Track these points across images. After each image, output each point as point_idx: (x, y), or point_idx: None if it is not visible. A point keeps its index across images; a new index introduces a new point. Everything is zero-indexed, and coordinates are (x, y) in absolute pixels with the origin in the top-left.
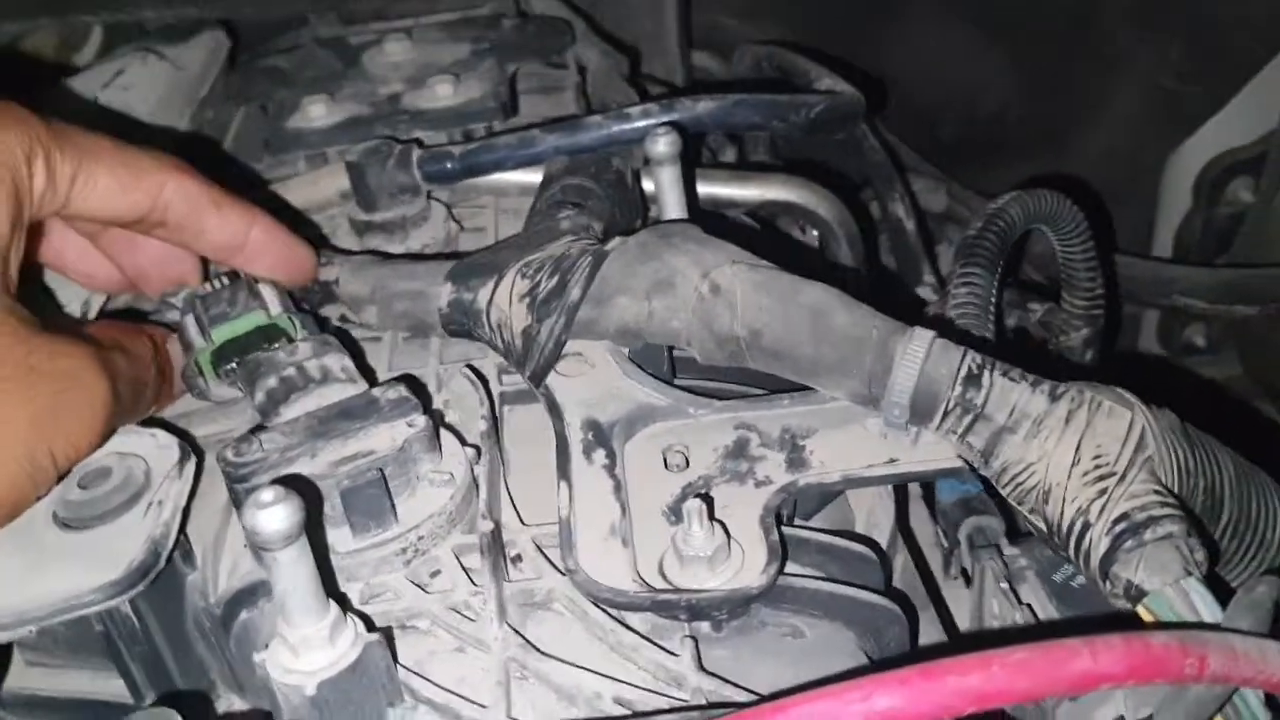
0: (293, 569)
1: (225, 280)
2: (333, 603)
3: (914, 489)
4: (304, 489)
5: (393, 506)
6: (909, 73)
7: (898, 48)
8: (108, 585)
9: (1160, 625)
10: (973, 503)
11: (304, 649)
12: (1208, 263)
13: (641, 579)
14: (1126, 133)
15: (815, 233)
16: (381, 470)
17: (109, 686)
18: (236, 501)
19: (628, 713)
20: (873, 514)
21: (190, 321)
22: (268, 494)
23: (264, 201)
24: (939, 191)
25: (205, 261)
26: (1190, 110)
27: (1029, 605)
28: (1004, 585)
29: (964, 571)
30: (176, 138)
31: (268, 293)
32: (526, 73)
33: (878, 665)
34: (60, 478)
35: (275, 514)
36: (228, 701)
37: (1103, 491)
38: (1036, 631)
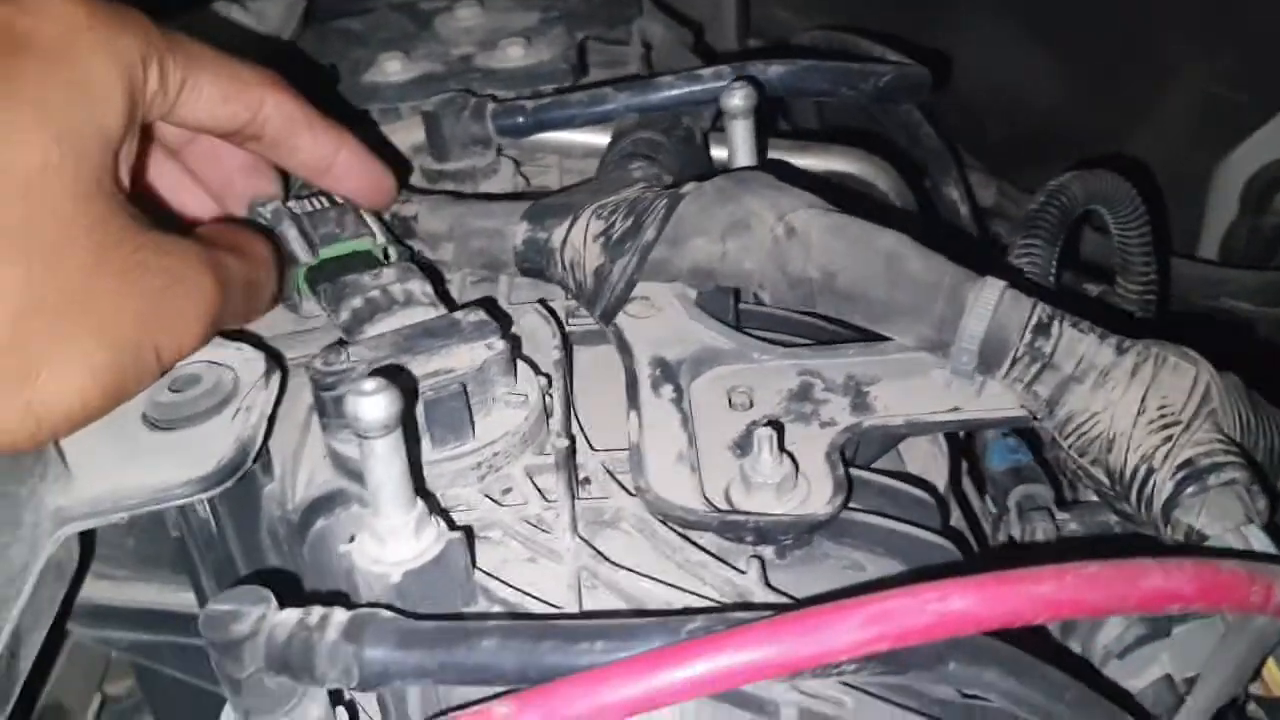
0: (387, 459)
1: (324, 200)
2: (419, 499)
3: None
4: (403, 385)
5: (471, 421)
6: (960, 71)
7: (948, 46)
8: (197, 480)
9: (1234, 552)
10: (1024, 471)
11: (391, 540)
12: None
13: (709, 502)
14: (1175, 139)
15: None
16: (463, 384)
17: (175, 598)
18: (322, 410)
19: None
20: (925, 470)
21: (294, 234)
22: (370, 383)
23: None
24: (989, 187)
25: (286, 177)
26: (1240, 119)
27: None
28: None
29: (1011, 539)
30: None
31: (372, 222)
32: (592, 48)
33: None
34: (162, 373)
35: (376, 402)
36: (290, 573)
37: (1168, 439)
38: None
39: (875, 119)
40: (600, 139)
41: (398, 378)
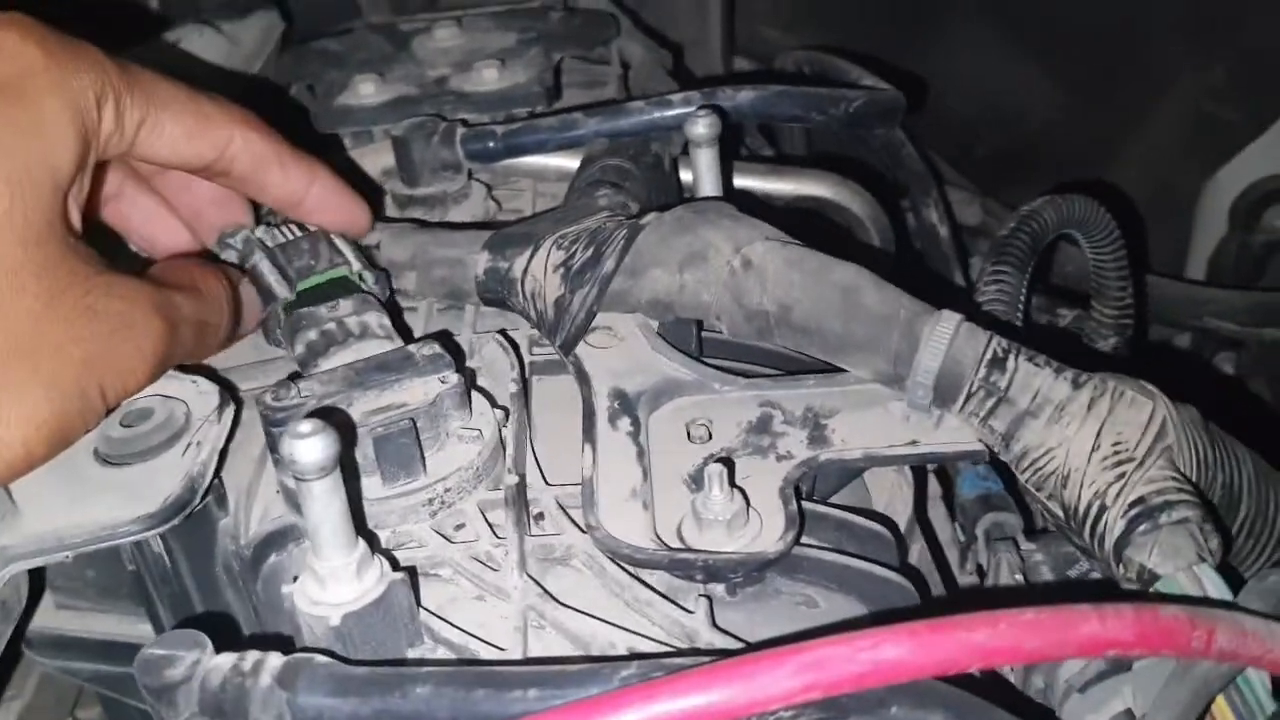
0: (325, 501)
1: (295, 228)
2: (361, 540)
3: (933, 489)
4: (341, 425)
5: (422, 457)
6: (948, 86)
7: (938, 61)
8: (145, 517)
9: (1178, 597)
10: (993, 499)
11: (331, 581)
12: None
13: (660, 540)
14: (1165, 154)
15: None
16: (414, 420)
17: (136, 630)
18: (273, 445)
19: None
20: (891, 504)
21: (268, 268)
22: (306, 425)
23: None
24: (973, 205)
25: (257, 205)
26: (1230, 135)
27: None
28: (1017, 577)
29: (979, 567)
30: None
31: (345, 247)
32: (570, 67)
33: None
34: (108, 413)
35: (313, 445)
36: (230, 616)
37: (1121, 476)
38: (1043, 597)
39: (860, 140)
40: (573, 163)
41: (333, 418)
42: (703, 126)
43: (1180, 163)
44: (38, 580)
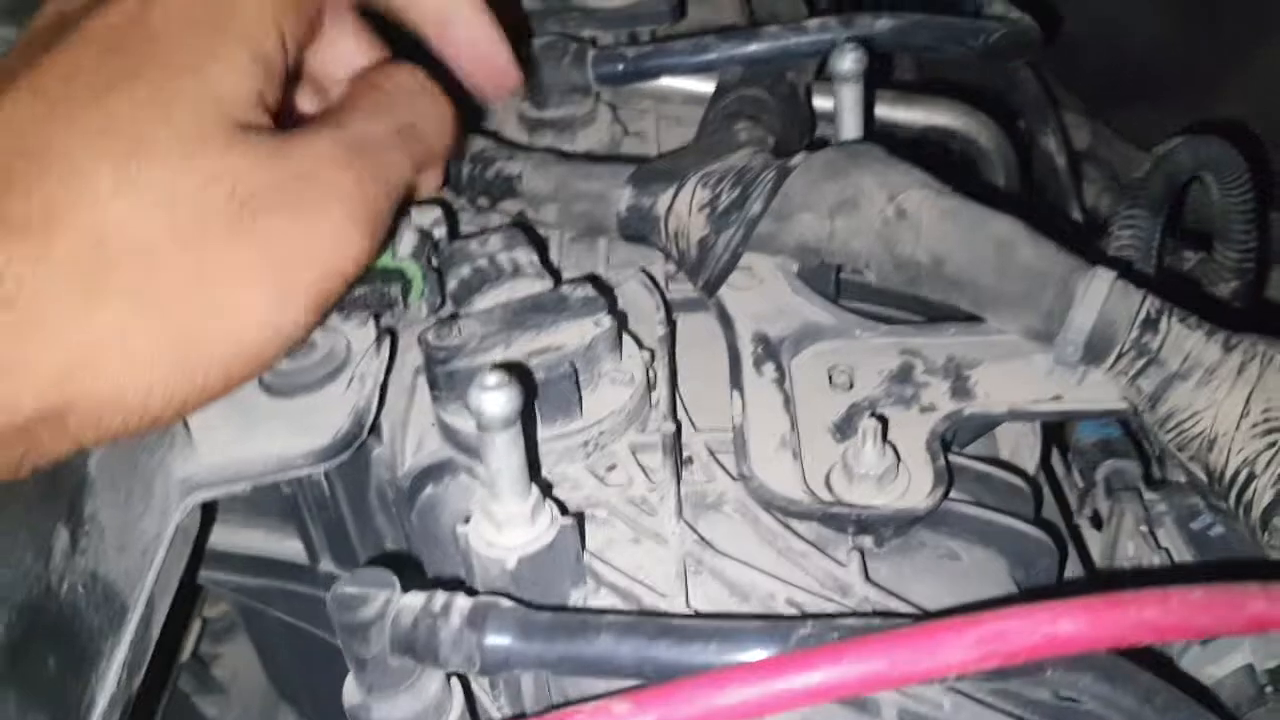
0: (507, 450)
1: None
2: (535, 486)
3: None
4: (522, 374)
5: (580, 400)
6: (1059, 3)
7: None
8: (317, 451)
9: None
10: (1113, 445)
11: (507, 525)
12: None
13: (811, 491)
14: (1274, 84)
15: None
16: (574, 364)
17: (282, 546)
18: (433, 381)
19: (800, 614)
20: (1016, 451)
21: None
22: (493, 378)
23: None
24: (1082, 129)
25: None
26: None
27: (1166, 549)
28: (1143, 529)
29: (1095, 515)
30: None
31: (406, 237)
32: None
33: (1035, 593)
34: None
35: (498, 398)
36: (409, 555)
37: (1271, 445)
38: (1186, 575)
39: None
40: (697, 85)
41: (516, 371)
42: (850, 62)
43: None
44: (209, 507)
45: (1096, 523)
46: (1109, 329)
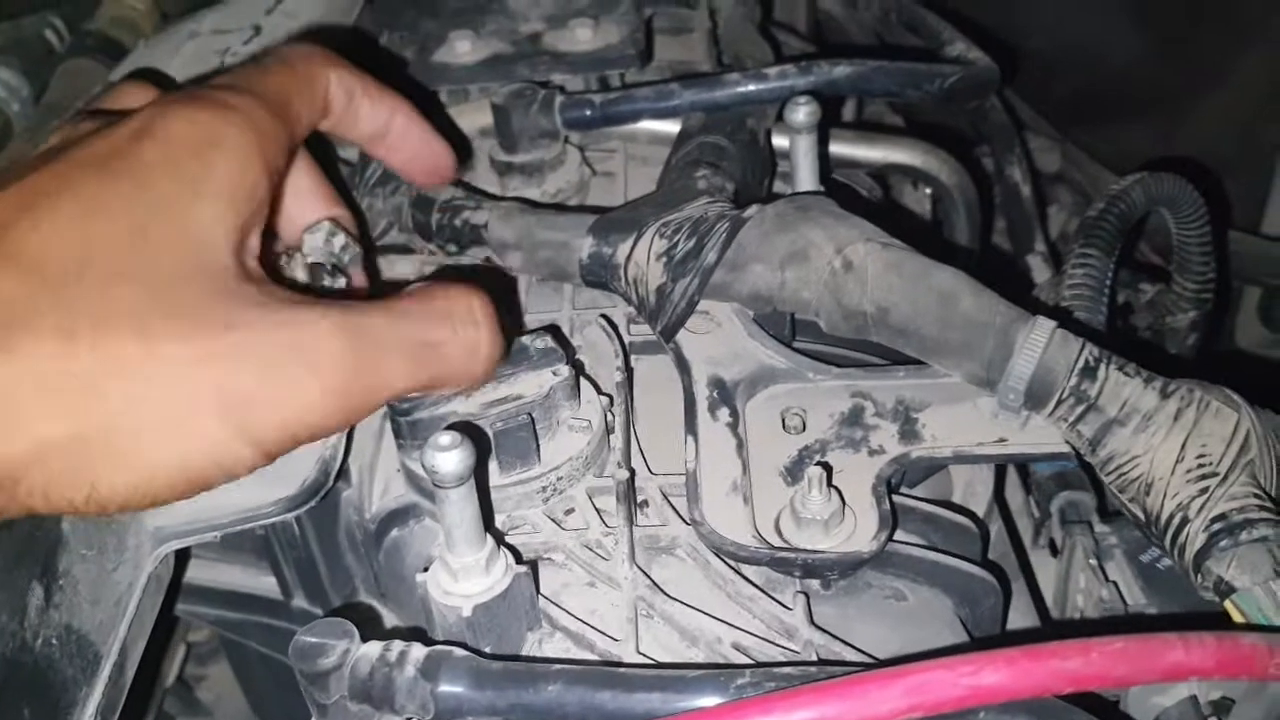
0: (461, 505)
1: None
2: (489, 536)
3: None
4: (476, 434)
5: (538, 447)
6: (1031, 25)
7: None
8: (284, 500)
9: (1248, 626)
10: (1068, 477)
11: (463, 575)
12: None
13: (760, 535)
14: (1248, 103)
15: (928, 190)
16: (530, 414)
17: (258, 582)
18: (397, 431)
19: (743, 658)
20: (971, 485)
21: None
22: (446, 438)
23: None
24: (1053, 152)
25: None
26: None
27: (1115, 583)
28: (1092, 561)
29: (1051, 542)
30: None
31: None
32: (659, 13)
33: (976, 640)
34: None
35: (452, 457)
36: (367, 606)
37: (1204, 490)
38: (1124, 622)
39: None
40: (664, 126)
41: (469, 429)
42: (803, 115)
43: (1265, 108)
44: (182, 553)
45: (1054, 550)
46: (1048, 376)
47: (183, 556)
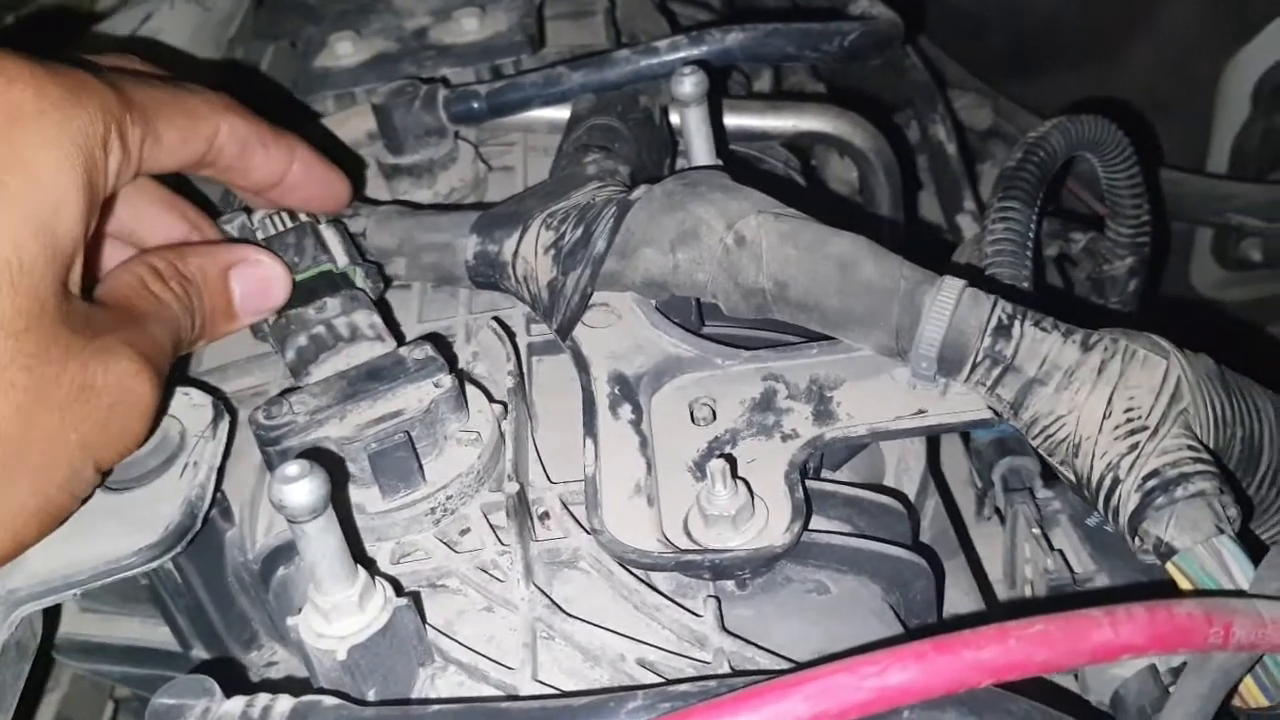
0: (320, 539)
1: (282, 219)
2: (361, 569)
3: None
4: (329, 459)
5: (420, 467)
6: None
7: None
8: (147, 548)
9: (1192, 591)
10: (1008, 443)
11: (335, 615)
12: (1263, 178)
13: (666, 538)
14: (1182, 40)
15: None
16: (408, 432)
17: (158, 634)
18: (269, 463)
19: (649, 674)
20: (904, 459)
21: None
22: (293, 468)
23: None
24: (984, 108)
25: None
26: (1249, 14)
27: (1060, 551)
28: (1035, 531)
29: (997, 511)
30: (213, 73)
31: (333, 241)
32: None
33: (911, 630)
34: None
35: (301, 488)
36: (270, 650)
37: (1134, 446)
38: (1074, 597)
39: None
40: (563, 113)
41: (321, 454)
42: (689, 85)
43: (1198, 48)
44: (51, 612)
45: (1002, 519)
46: (960, 339)
47: (53, 615)
